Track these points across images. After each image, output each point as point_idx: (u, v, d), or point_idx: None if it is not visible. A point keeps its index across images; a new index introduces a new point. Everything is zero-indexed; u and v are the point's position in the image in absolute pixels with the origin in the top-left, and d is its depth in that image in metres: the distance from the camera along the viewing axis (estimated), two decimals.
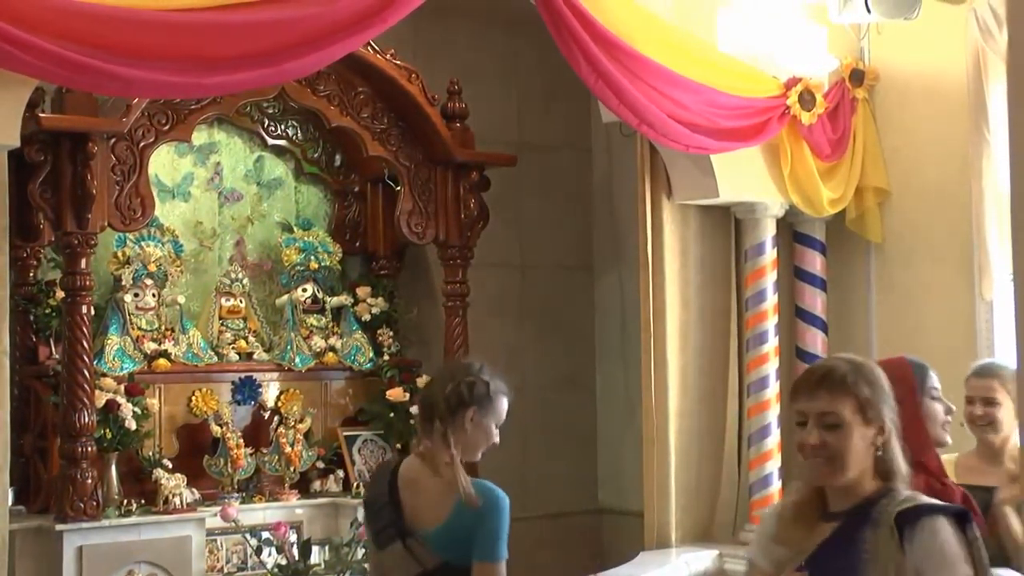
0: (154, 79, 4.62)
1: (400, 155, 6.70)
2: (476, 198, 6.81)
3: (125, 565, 5.73)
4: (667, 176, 6.50)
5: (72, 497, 5.60)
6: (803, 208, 6.55)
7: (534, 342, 7.78)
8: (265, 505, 6.34)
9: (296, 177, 7.11)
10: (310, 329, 6.83)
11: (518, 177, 7.33)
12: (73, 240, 5.71)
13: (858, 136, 6.70)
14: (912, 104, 6.69)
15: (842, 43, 6.63)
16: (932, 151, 6.59)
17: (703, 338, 6.60)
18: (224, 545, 6.19)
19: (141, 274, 6.36)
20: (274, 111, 6.87)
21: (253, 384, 6.57)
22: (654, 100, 5.81)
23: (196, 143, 6.65)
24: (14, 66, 4.45)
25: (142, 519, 5.84)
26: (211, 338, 6.58)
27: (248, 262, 6.92)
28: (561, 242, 8.02)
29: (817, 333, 6.80)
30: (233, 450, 6.31)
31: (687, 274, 6.57)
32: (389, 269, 7.22)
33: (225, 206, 6.88)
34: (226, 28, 4.70)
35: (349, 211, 7.24)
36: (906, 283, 6.65)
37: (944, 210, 6.52)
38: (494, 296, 7.47)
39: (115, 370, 6.14)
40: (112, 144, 5.84)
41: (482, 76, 7.43)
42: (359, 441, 6.82)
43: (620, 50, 5.68)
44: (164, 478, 5.98)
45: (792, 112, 6.34)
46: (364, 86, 6.56)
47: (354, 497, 6.40)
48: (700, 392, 6.56)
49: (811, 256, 6.82)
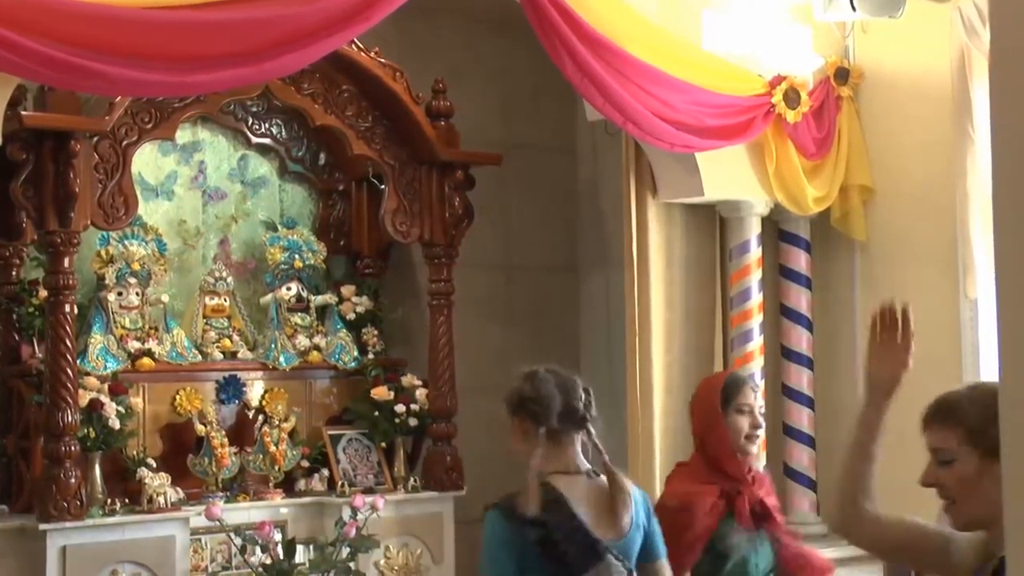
0: (136, 77, 4.61)
1: (385, 154, 6.68)
2: (461, 197, 6.79)
3: (109, 565, 5.70)
4: (652, 175, 6.52)
5: (55, 497, 5.57)
6: (788, 206, 6.56)
7: (519, 342, 7.76)
8: (250, 504, 6.30)
9: (280, 176, 7.09)
10: (295, 328, 6.81)
11: (503, 176, 7.31)
12: (56, 239, 5.68)
13: (843, 134, 6.72)
14: (897, 102, 6.70)
15: (827, 41, 6.65)
16: (917, 149, 6.61)
17: (688, 337, 6.61)
18: (209, 544, 6.16)
19: (125, 273, 6.33)
20: (258, 109, 6.84)
21: (237, 383, 6.54)
22: (639, 99, 5.81)
23: (180, 141, 6.62)
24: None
25: (126, 519, 5.81)
26: (195, 337, 6.56)
27: (232, 261, 6.90)
28: (547, 241, 8.01)
29: (802, 331, 6.82)
30: (217, 449, 6.28)
31: (672, 273, 6.58)
32: (374, 268, 7.20)
33: (209, 205, 6.86)
34: (209, 27, 4.69)
35: (334, 210, 7.22)
36: (891, 281, 6.66)
37: (929, 208, 6.54)
38: (479, 296, 7.46)
39: (99, 369, 6.11)
40: (95, 143, 5.81)
41: (467, 75, 7.41)
42: (344, 440, 6.80)
43: (605, 48, 5.69)
44: (148, 477, 5.95)
45: (777, 110, 6.35)
46: (348, 84, 6.54)
47: (339, 496, 6.39)
48: (686, 391, 6.50)
49: (796, 254, 6.84)
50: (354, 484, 6.58)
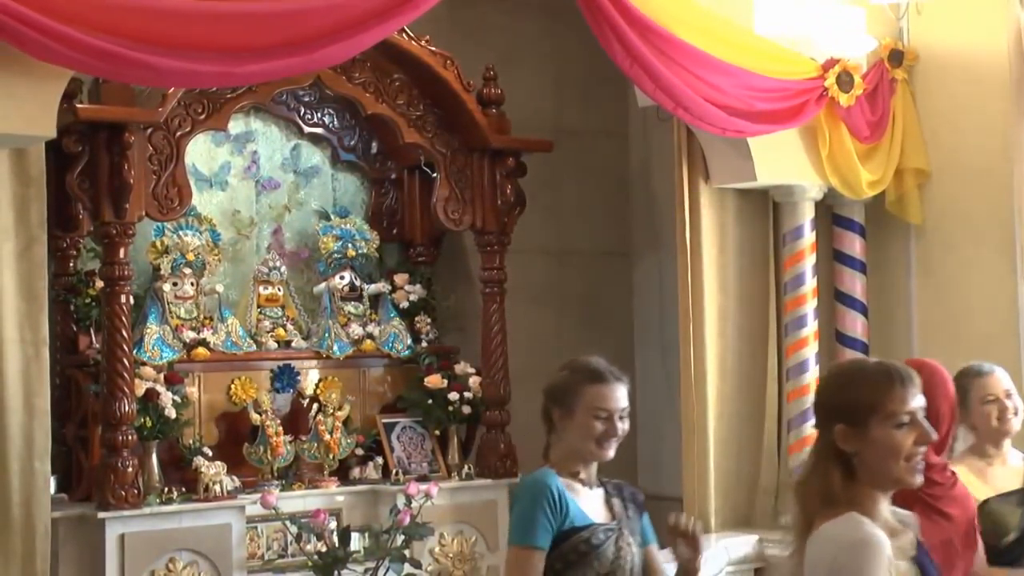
0: (187, 68, 4.65)
1: (436, 142, 6.69)
2: (513, 184, 6.79)
3: (167, 552, 5.76)
4: (704, 160, 6.48)
5: (113, 485, 5.63)
6: (842, 191, 6.50)
7: (572, 329, 7.76)
8: (304, 492, 6.35)
9: (333, 165, 7.12)
10: (348, 317, 6.84)
11: (555, 163, 7.30)
12: (111, 230, 5.73)
13: (897, 117, 6.64)
14: (952, 84, 6.62)
15: (881, 23, 6.57)
16: (973, 131, 6.52)
17: (742, 323, 6.58)
18: (264, 532, 6.21)
19: (179, 263, 6.38)
20: (310, 99, 6.87)
21: (292, 372, 6.58)
22: (690, 83, 5.78)
23: (233, 132, 6.67)
24: (50, 58, 4.48)
25: (183, 507, 5.87)
26: (249, 326, 6.60)
27: (286, 250, 6.93)
28: (599, 228, 7.99)
29: (857, 316, 6.76)
30: (272, 438, 6.32)
31: (725, 258, 6.54)
32: (426, 256, 7.22)
33: (262, 194, 6.90)
34: (257, 17, 4.72)
35: (386, 198, 7.24)
36: (947, 265, 6.60)
37: (985, 191, 6.46)
38: (531, 283, 7.45)
39: (154, 359, 6.17)
40: (149, 134, 5.85)
41: (518, 61, 7.40)
42: (398, 428, 6.82)
43: (655, 33, 5.66)
44: (204, 466, 6.00)
45: (830, 94, 6.29)
46: (399, 73, 6.55)
47: (393, 484, 6.41)
48: (739, 377, 6.54)
49: (850, 239, 6.78)
50: (408, 472, 6.61)
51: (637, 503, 3.73)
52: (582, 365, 3.66)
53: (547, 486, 3.52)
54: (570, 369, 3.66)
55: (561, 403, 3.60)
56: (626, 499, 3.70)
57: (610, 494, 3.68)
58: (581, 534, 3.53)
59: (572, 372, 3.65)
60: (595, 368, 3.63)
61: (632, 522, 3.67)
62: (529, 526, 3.50)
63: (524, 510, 3.53)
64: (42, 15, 4.31)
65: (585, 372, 3.62)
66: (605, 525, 3.59)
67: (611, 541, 3.56)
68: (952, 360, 4.39)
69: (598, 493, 3.66)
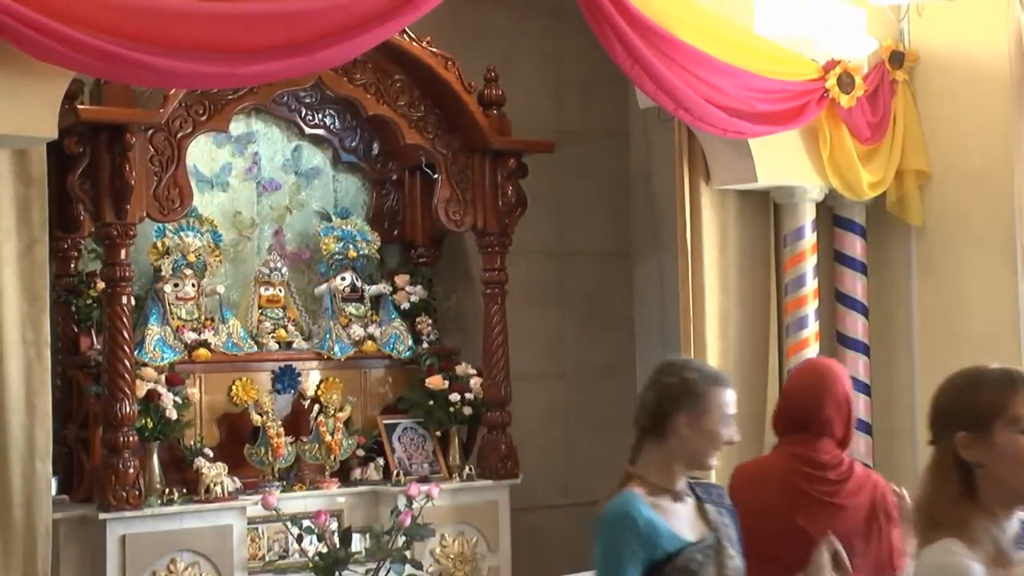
0: (188, 69, 4.65)
1: (437, 143, 6.69)
2: (514, 185, 6.79)
3: (167, 553, 5.77)
4: (705, 161, 6.48)
5: (115, 486, 5.63)
6: (843, 192, 6.51)
7: (573, 329, 7.76)
8: (306, 493, 6.35)
9: (334, 166, 7.12)
10: (349, 318, 6.84)
11: (556, 163, 7.31)
12: (112, 231, 5.74)
13: (898, 119, 6.65)
14: (953, 85, 6.62)
15: (881, 25, 6.58)
16: (973, 132, 6.53)
17: (743, 323, 6.58)
18: (265, 533, 6.21)
19: (180, 264, 6.38)
20: (311, 100, 6.87)
21: (293, 373, 6.58)
22: (691, 84, 5.78)
23: (234, 133, 6.67)
24: (51, 58, 4.49)
25: (184, 508, 5.87)
26: (251, 327, 6.60)
27: (287, 251, 6.93)
28: (600, 229, 7.99)
29: (858, 317, 6.77)
30: (273, 439, 6.32)
31: (726, 259, 6.55)
32: (427, 257, 7.22)
33: (263, 196, 6.90)
34: (259, 18, 4.73)
35: (387, 199, 7.24)
36: (947, 266, 6.60)
37: (985, 192, 6.46)
38: (532, 283, 7.46)
39: (156, 360, 6.17)
40: (150, 135, 5.85)
41: (519, 63, 7.41)
42: (399, 429, 6.82)
43: (656, 34, 5.66)
44: (205, 467, 6.00)
45: (831, 95, 6.29)
46: (400, 74, 6.55)
47: (394, 485, 6.42)
48: (740, 377, 6.52)
49: (851, 240, 6.79)
50: (409, 473, 6.61)
51: (726, 506, 3.48)
52: (702, 368, 3.48)
53: (630, 517, 3.27)
54: (691, 371, 3.43)
55: (691, 408, 3.34)
56: (716, 502, 3.45)
57: (702, 500, 3.43)
58: (675, 562, 3.25)
59: (700, 375, 3.41)
60: (716, 372, 3.48)
61: (729, 528, 3.42)
62: (615, 567, 3.25)
63: (609, 548, 3.27)
64: (43, 15, 4.32)
65: (711, 376, 3.43)
66: (701, 544, 3.32)
67: (710, 561, 3.31)
68: (952, 360, 4.37)
69: (689, 504, 3.40)
